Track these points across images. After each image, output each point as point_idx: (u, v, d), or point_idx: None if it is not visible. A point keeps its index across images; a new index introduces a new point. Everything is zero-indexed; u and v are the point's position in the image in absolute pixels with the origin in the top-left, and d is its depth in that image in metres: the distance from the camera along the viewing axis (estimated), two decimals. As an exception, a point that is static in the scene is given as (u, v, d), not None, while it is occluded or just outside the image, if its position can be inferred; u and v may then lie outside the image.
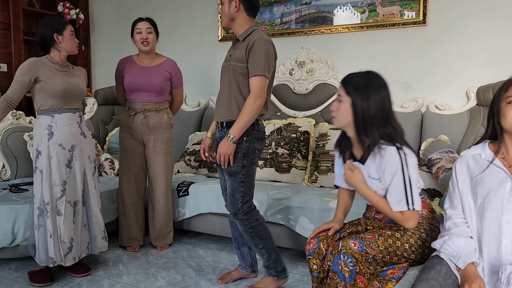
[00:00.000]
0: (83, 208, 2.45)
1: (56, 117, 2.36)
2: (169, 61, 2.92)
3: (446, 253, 1.42)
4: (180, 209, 3.04)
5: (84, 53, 4.42)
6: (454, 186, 1.49)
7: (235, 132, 2.07)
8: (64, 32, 2.38)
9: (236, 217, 2.20)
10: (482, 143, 1.47)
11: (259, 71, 2.07)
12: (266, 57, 2.08)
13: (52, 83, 2.32)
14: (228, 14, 2.15)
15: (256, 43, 2.08)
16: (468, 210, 1.44)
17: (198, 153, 3.46)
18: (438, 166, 2.58)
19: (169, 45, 4.12)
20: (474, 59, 3.02)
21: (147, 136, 2.85)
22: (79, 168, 2.42)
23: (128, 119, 2.84)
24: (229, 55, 2.22)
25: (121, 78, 2.87)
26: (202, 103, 3.98)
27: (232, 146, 2.09)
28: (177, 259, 2.78)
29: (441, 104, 3.08)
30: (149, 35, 2.79)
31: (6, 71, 3.86)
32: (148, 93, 2.81)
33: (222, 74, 2.25)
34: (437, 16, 3.11)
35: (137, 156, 2.88)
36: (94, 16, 4.55)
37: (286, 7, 3.59)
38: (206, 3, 3.90)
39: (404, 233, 1.58)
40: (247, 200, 2.20)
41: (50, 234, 2.31)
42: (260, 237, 2.23)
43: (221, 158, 2.10)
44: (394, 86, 3.20)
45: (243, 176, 2.15)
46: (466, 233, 1.42)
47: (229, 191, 2.19)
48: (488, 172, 1.41)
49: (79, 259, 2.44)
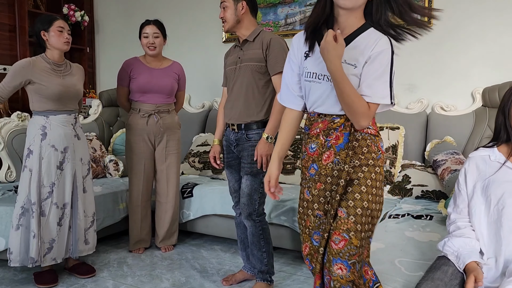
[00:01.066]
0: (71, 211, 2.42)
1: (50, 118, 2.35)
2: (176, 64, 2.96)
3: (448, 254, 1.41)
4: (185, 211, 3.04)
5: (89, 54, 4.44)
6: (460, 189, 1.47)
7: (271, 132, 2.09)
8: (50, 28, 2.33)
9: (250, 218, 2.20)
10: (490, 145, 1.46)
11: (281, 68, 2.04)
12: (285, 52, 2.10)
13: (46, 85, 2.30)
14: (235, 16, 2.15)
15: (272, 40, 2.11)
16: (477, 213, 1.42)
17: (203, 155, 3.46)
18: (444, 168, 2.56)
19: (174, 47, 4.12)
20: (480, 60, 3.00)
21: (160, 137, 2.85)
22: (70, 170, 2.40)
23: (141, 121, 2.81)
24: (237, 57, 2.21)
25: (127, 80, 2.85)
26: (206, 104, 3.98)
27: (271, 145, 2.09)
28: (181, 260, 2.78)
29: (446, 105, 3.06)
30: (156, 39, 2.78)
31: (11, 73, 3.88)
32: (160, 95, 2.82)
33: (231, 77, 2.24)
34: (442, 17, 3.08)
35: (148, 158, 2.87)
36: (99, 18, 4.57)
37: (291, 8, 3.58)
38: (211, 4, 3.90)
39: (376, 190, 1.37)
40: (263, 202, 2.21)
41: (34, 234, 2.29)
42: (266, 241, 2.25)
43: (263, 160, 2.10)
44: (399, 87, 3.24)
45: (263, 177, 2.14)
46: (468, 235, 1.40)
47: (247, 191, 2.18)
48: (500, 174, 1.39)
49: (61, 260, 2.41)
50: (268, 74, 2.15)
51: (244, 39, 2.19)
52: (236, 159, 2.27)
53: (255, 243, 2.25)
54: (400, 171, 2.82)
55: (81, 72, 2.53)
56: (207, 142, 3.56)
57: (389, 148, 2.90)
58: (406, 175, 2.70)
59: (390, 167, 2.86)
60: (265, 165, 2.11)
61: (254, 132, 2.17)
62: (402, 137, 2.95)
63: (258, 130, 2.17)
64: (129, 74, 2.84)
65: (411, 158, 3.02)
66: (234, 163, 2.29)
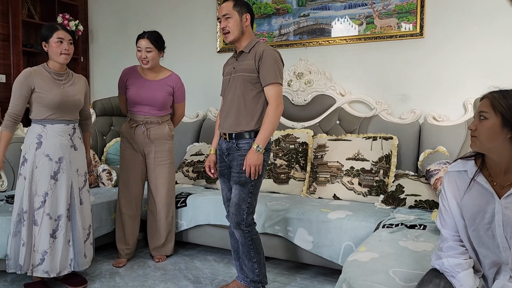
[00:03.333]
0: (68, 223, 2.38)
1: (47, 127, 2.34)
2: (173, 76, 2.91)
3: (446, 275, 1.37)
4: (178, 221, 3.02)
5: (83, 64, 4.44)
6: (445, 205, 1.43)
7: (261, 142, 2.10)
8: (50, 40, 2.32)
9: (239, 228, 2.19)
10: (469, 157, 1.41)
11: (273, 79, 2.12)
12: (277, 64, 2.13)
13: (46, 94, 2.30)
14: (240, 28, 2.17)
15: (264, 52, 2.13)
16: (462, 231, 1.39)
17: (196, 164, 3.45)
18: (437, 178, 2.58)
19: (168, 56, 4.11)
20: (471, 71, 3.04)
21: (148, 148, 2.84)
22: (66, 181, 2.36)
23: (130, 131, 2.83)
24: (232, 68, 2.24)
25: (124, 88, 2.86)
26: (201, 114, 3.98)
27: (261, 156, 2.10)
28: (174, 271, 2.76)
29: (438, 116, 3.09)
30: (148, 54, 2.74)
31: (5, 82, 3.87)
32: (151, 107, 2.81)
33: (225, 87, 2.26)
34: (434, 28, 3.14)
35: (137, 167, 2.86)
36: (93, 28, 4.58)
37: (285, 19, 3.62)
38: (205, 14, 3.93)
39: None
40: (251, 212, 2.21)
41: (23, 242, 2.28)
42: (256, 251, 2.24)
43: (251, 170, 2.09)
44: (392, 97, 3.28)
45: (252, 187, 2.16)
46: (465, 256, 1.37)
47: (236, 200, 2.18)
48: (475, 194, 1.35)
49: (57, 275, 2.36)
50: (260, 84, 2.17)
51: (241, 50, 2.21)
52: (228, 168, 2.28)
53: (246, 253, 2.24)
54: (393, 180, 2.83)
55: (83, 83, 2.51)
56: (201, 152, 3.55)
57: (383, 158, 2.91)
58: (399, 185, 2.71)
59: (384, 176, 2.87)
60: (254, 175, 2.11)
61: (244, 141, 2.18)
62: (395, 147, 2.97)
63: (248, 140, 2.18)
64: (125, 82, 2.85)
65: (404, 168, 3.03)
66: (227, 172, 2.29)
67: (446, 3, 3.09)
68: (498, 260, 1.32)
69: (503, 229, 1.29)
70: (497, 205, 1.30)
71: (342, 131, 3.29)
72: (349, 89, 3.41)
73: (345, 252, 2.40)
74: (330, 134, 3.29)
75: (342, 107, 3.37)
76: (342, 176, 2.92)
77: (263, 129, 2.11)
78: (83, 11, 4.50)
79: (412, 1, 3.16)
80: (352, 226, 2.43)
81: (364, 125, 3.23)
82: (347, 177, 2.90)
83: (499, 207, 1.30)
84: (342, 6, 3.40)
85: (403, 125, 3.13)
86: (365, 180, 2.87)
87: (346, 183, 2.89)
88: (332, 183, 2.93)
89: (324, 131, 3.34)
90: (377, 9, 3.28)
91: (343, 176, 2.92)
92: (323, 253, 2.50)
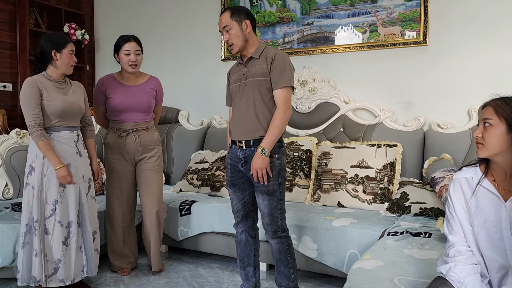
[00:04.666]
0: (78, 229, 2.39)
1: (53, 135, 2.35)
2: (154, 79, 2.87)
3: (452, 279, 1.37)
4: (182, 228, 3.02)
5: (88, 72, 4.48)
6: (451, 212, 1.44)
7: (267, 145, 2.06)
8: (64, 50, 2.34)
9: (276, 236, 2.16)
10: (475, 164, 1.43)
11: (285, 83, 2.09)
12: (289, 68, 2.11)
13: (50, 102, 2.31)
14: (243, 37, 2.15)
15: (276, 55, 2.11)
16: (470, 236, 1.39)
17: (201, 172, 3.46)
18: (442, 185, 2.57)
19: (172, 65, 4.17)
20: (475, 78, 3.04)
21: (139, 155, 2.76)
22: (74, 187, 2.37)
23: (119, 141, 2.72)
24: (241, 74, 2.20)
25: (103, 99, 2.76)
26: (205, 122, 4.00)
27: (266, 159, 2.06)
28: (178, 279, 2.75)
29: (443, 123, 3.09)
30: (137, 57, 2.70)
31: (11, 90, 3.91)
32: (137, 113, 2.74)
33: (236, 94, 2.22)
34: (437, 36, 3.15)
35: (129, 178, 2.78)
36: (99, 37, 4.63)
37: (289, 27, 3.64)
38: (209, 23, 3.96)
39: None
40: (284, 217, 2.18)
41: (36, 252, 2.27)
42: (292, 256, 2.21)
43: (258, 174, 2.06)
44: (396, 105, 3.28)
45: (280, 194, 2.14)
46: (472, 261, 1.37)
47: (267, 211, 2.14)
48: (482, 198, 1.36)
49: (71, 282, 2.36)
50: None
51: (249, 57, 2.18)
52: (241, 177, 2.22)
53: (282, 260, 2.20)
54: (398, 188, 2.82)
55: (82, 90, 2.54)
56: (205, 160, 3.56)
57: (387, 165, 2.91)
58: (404, 192, 2.70)
59: (388, 184, 2.86)
60: (261, 179, 2.07)
61: None
62: (399, 155, 2.97)
63: None
64: (104, 93, 2.74)
65: (409, 175, 3.02)
66: (238, 182, 2.24)
67: (449, 11, 3.10)
68: (505, 263, 1.32)
69: (510, 231, 1.30)
70: (504, 208, 1.32)
71: (346, 138, 3.29)
72: (353, 97, 3.41)
73: (350, 260, 2.39)
74: (334, 141, 3.29)
75: (346, 114, 3.38)
76: (347, 183, 2.91)
77: (269, 133, 2.07)
78: (89, 20, 4.55)
79: (416, 9, 3.17)
80: (356, 234, 2.42)
81: (368, 132, 3.23)
82: (351, 184, 2.90)
83: (505, 210, 1.31)
84: (346, 14, 3.41)
85: (407, 133, 3.13)
86: (369, 187, 2.86)
87: (350, 191, 2.89)
88: (337, 190, 2.92)
89: (328, 139, 3.35)
90: (381, 17, 3.29)
91: (347, 184, 2.91)
92: (327, 261, 2.49)
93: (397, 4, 3.23)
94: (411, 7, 3.19)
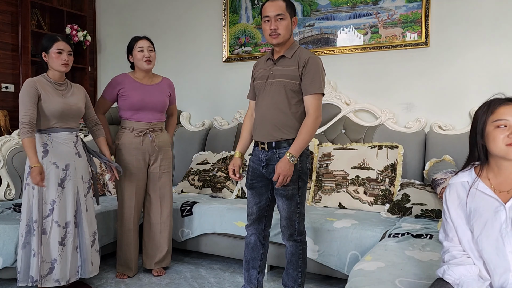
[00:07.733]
0: (75, 230, 2.39)
1: (52, 136, 2.36)
2: (166, 80, 2.90)
3: (449, 281, 1.37)
4: (184, 229, 3.03)
5: (90, 73, 4.49)
6: (446, 218, 1.42)
7: (296, 152, 2.01)
8: (50, 50, 2.35)
9: (292, 238, 2.15)
10: (468, 168, 1.41)
11: (317, 89, 2.04)
12: (321, 74, 2.07)
13: (49, 103, 2.32)
14: (290, 31, 2.09)
15: (310, 59, 2.06)
16: (467, 242, 1.38)
17: (202, 173, 3.46)
18: (443, 187, 2.57)
19: (174, 66, 4.18)
20: (476, 80, 3.04)
21: (155, 156, 2.77)
22: (72, 188, 2.38)
23: (135, 140, 2.71)
24: (269, 72, 2.13)
25: (112, 96, 2.77)
26: (206, 123, 4.00)
27: (292, 166, 2.01)
28: (179, 279, 2.76)
29: (444, 125, 3.09)
30: (151, 53, 2.74)
31: (13, 91, 3.92)
32: (154, 112, 2.76)
33: (261, 92, 2.15)
34: (439, 37, 3.15)
35: (142, 179, 2.77)
36: (101, 38, 4.64)
37: (290, 29, 3.64)
38: (211, 24, 3.97)
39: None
40: (302, 220, 2.15)
41: (34, 252, 2.28)
42: (303, 261, 2.20)
43: (280, 179, 2.00)
44: (397, 106, 3.28)
45: (299, 198, 2.10)
46: (467, 262, 1.36)
47: (285, 214, 2.11)
48: (479, 202, 1.35)
49: (66, 283, 2.36)
50: (301, 93, 2.08)
51: (282, 55, 2.11)
52: (261, 181, 2.18)
53: (293, 263, 2.19)
54: (399, 189, 2.83)
55: (82, 92, 2.54)
56: (206, 161, 3.57)
57: (388, 167, 2.91)
58: (405, 194, 2.70)
59: (389, 185, 2.86)
60: (280, 184, 2.02)
61: (285, 150, 2.06)
62: (401, 156, 2.97)
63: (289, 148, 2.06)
64: (117, 91, 2.75)
65: (410, 177, 3.02)
66: (257, 186, 2.19)
67: (450, 12, 3.10)
68: (508, 266, 1.32)
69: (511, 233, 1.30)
70: (504, 210, 1.31)
71: (348, 140, 3.30)
72: (354, 98, 3.42)
73: (351, 261, 2.39)
74: (336, 143, 3.30)
75: (347, 116, 3.38)
76: (348, 185, 2.92)
77: (298, 140, 2.01)
78: (91, 21, 4.56)
79: (417, 11, 3.17)
80: (357, 235, 2.42)
81: (370, 134, 3.24)
82: (352, 186, 2.90)
83: (505, 213, 1.31)
84: (347, 16, 3.42)
85: (408, 134, 3.13)
86: (370, 189, 2.86)
87: (351, 192, 2.89)
88: (338, 192, 2.93)
89: (330, 140, 3.35)
90: (382, 19, 3.30)
91: (348, 185, 2.91)
92: (328, 262, 2.49)
93: (398, 5, 3.24)
94: (413, 8, 3.19)
